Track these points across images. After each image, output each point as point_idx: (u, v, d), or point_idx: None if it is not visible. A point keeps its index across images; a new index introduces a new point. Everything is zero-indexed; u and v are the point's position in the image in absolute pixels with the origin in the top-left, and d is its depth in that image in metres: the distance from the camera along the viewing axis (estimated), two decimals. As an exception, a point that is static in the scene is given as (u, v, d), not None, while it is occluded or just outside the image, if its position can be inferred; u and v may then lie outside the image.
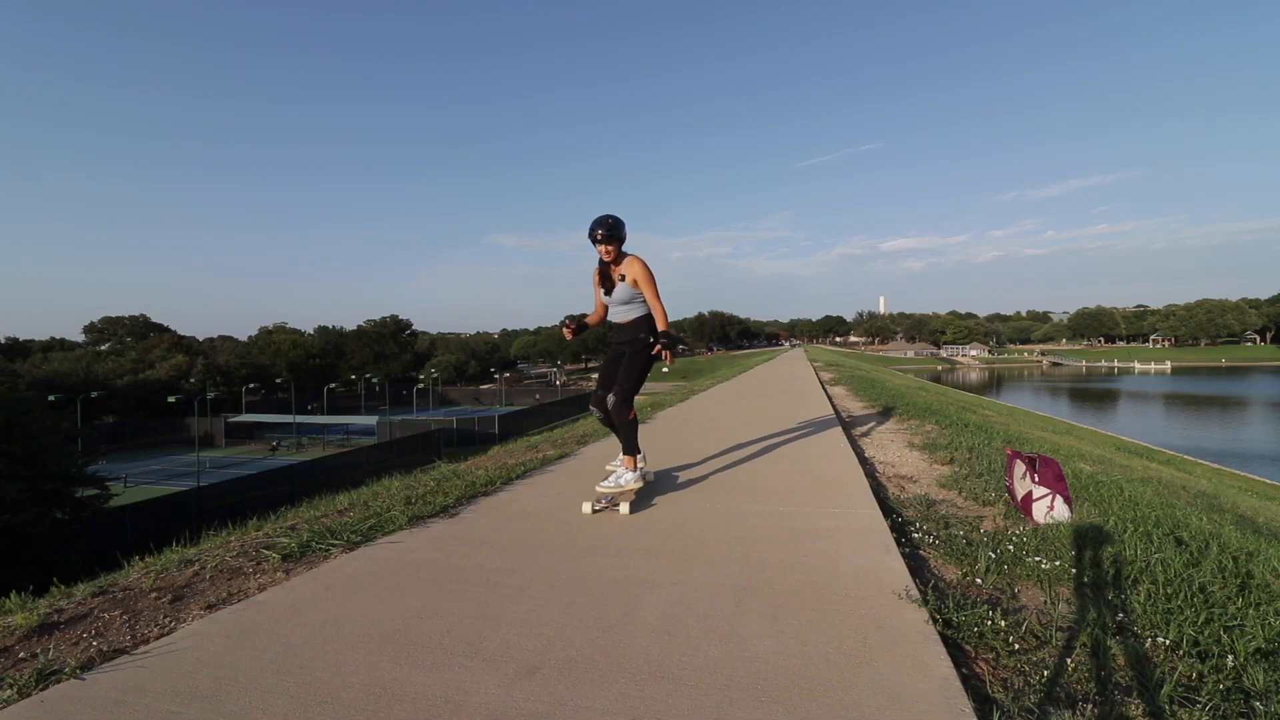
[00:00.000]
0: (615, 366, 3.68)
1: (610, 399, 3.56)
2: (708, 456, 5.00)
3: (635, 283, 3.56)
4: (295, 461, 28.36)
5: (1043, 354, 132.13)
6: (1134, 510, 3.41)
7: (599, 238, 3.50)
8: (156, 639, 2.06)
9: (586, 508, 3.39)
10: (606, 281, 3.67)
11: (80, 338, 75.38)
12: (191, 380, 54.41)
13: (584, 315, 3.91)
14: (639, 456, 3.63)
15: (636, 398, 3.72)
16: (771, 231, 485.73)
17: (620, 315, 3.68)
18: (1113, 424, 32.87)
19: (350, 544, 2.94)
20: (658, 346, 3.57)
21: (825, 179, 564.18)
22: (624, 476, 3.54)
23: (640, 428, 6.94)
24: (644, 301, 3.62)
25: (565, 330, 3.75)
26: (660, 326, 3.58)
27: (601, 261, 3.62)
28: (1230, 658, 1.78)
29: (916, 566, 2.57)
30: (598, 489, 3.51)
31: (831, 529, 3.02)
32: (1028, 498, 3.19)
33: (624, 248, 3.60)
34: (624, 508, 3.36)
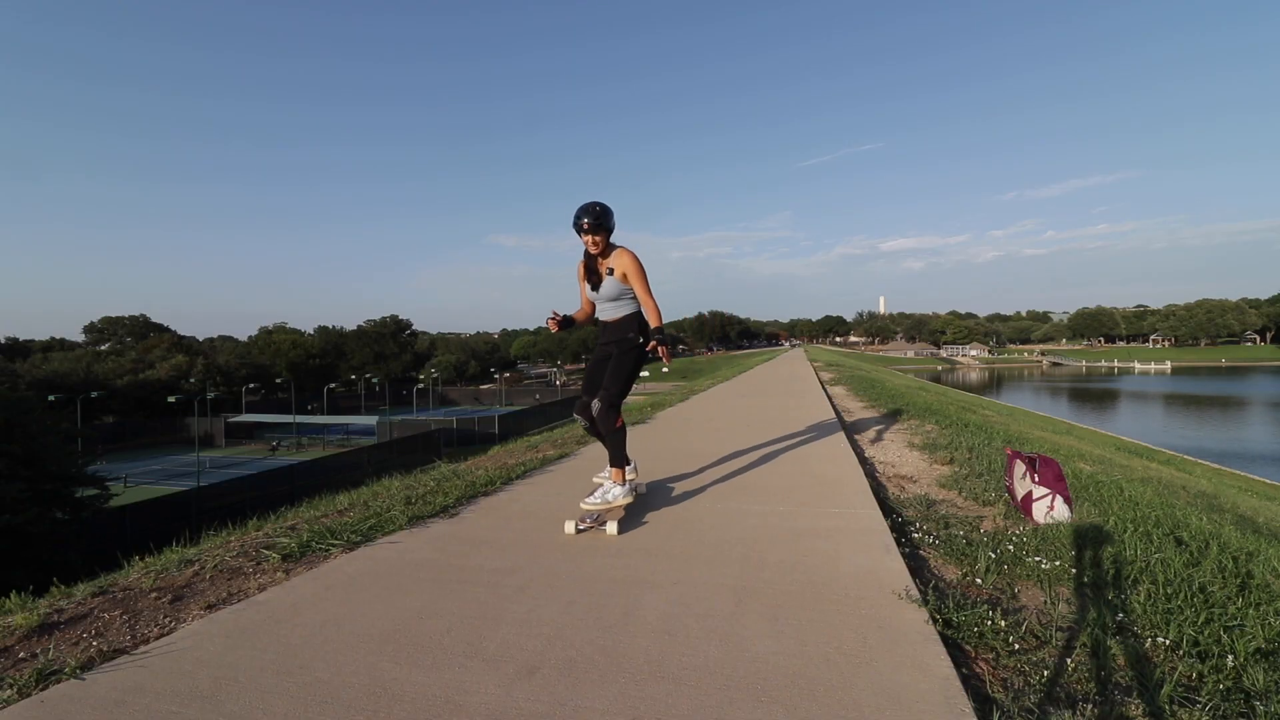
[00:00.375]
0: (601, 369, 3.38)
1: (595, 405, 3.24)
2: (707, 456, 5.00)
3: (625, 277, 3.26)
4: (295, 461, 28.35)
5: (1043, 354, 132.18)
6: (1134, 510, 3.41)
7: (585, 227, 3.18)
8: (156, 639, 2.06)
9: (569, 527, 3.05)
10: (593, 276, 3.34)
11: (80, 338, 75.36)
12: (191, 380, 54.41)
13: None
14: (628, 468, 3.34)
15: (633, 399, 3.65)
16: (771, 231, 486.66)
17: (608, 313, 3.38)
18: (1113, 424, 32.86)
19: (350, 544, 2.94)
20: (653, 343, 3.31)
21: (825, 179, 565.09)
22: (611, 491, 3.22)
23: (639, 428, 6.97)
24: (634, 298, 3.34)
25: (550, 323, 3.35)
26: (653, 323, 3.33)
27: (587, 254, 3.31)
28: (1230, 658, 1.78)
29: (916, 566, 2.57)
30: (582, 505, 3.18)
31: (831, 529, 3.02)
32: (1028, 498, 3.19)
33: (612, 239, 3.31)
34: (611, 527, 3.04)
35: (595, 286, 3.35)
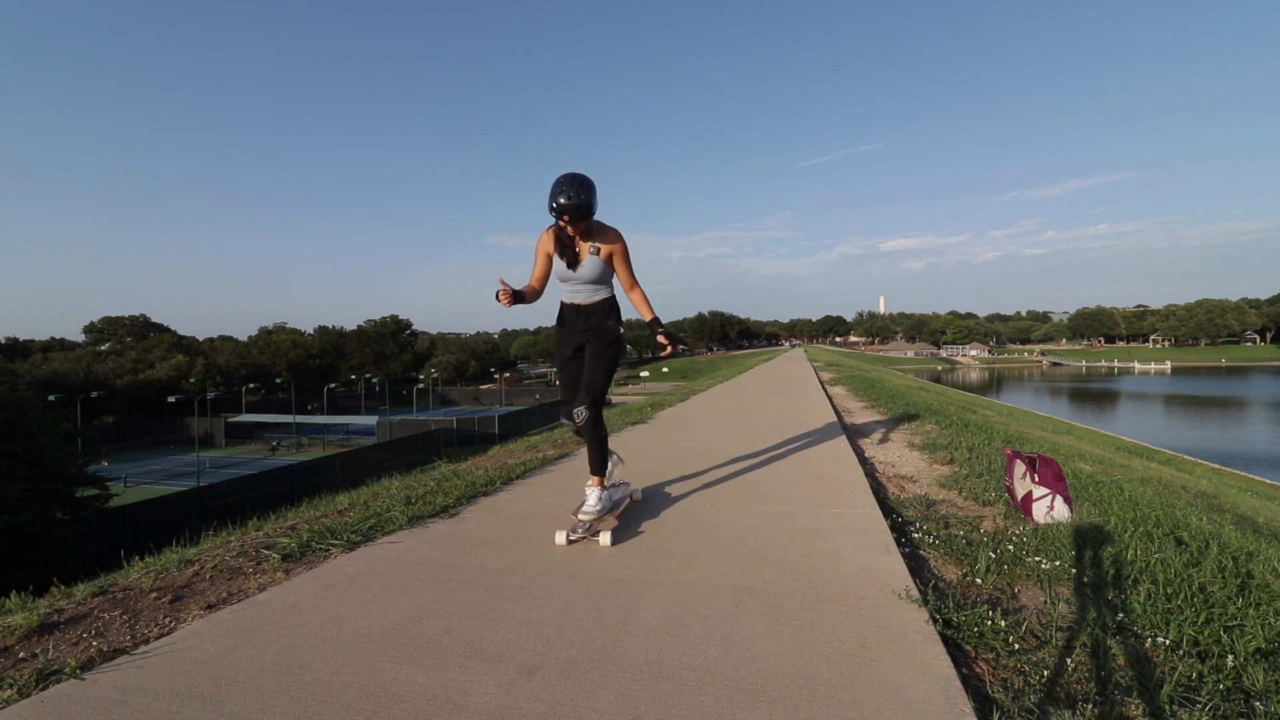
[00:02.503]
0: (579, 363, 3.10)
1: (581, 410, 2.95)
2: (707, 456, 5.00)
3: (610, 258, 2.97)
4: (295, 461, 28.33)
5: (1043, 354, 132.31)
6: (1134, 510, 3.41)
7: (569, 197, 2.75)
8: (156, 639, 2.06)
9: (560, 538, 2.93)
10: (568, 253, 2.94)
11: (80, 338, 75.27)
12: (191, 380, 54.42)
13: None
14: (619, 471, 3.35)
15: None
16: (771, 231, 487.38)
17: (583, 295, 3.03)
18: (1113, 424, 32.87)
19: (350, 544, 2.94)
20: (661, 334, 3.03)
21: (825, 179, 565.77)
22: (601, 495, 3.06)
23: (640, 428, 6.97)
24: (612, 282, 3.07)
25: (502, 295, 2.80)
26: (647, 315, 3.08)
27: (560, 227, 2.92)
28: (1230, 658, 1.78)
29: (916, 566, 2.57)
30: (578, 516, 2.99)
31: (831, 529, 3.02)
32: (1028, 498, 3.19)
33: (598, 218, 2.97)
34: (604, 538, 2.89)
35: (572, 264, 2.96)
